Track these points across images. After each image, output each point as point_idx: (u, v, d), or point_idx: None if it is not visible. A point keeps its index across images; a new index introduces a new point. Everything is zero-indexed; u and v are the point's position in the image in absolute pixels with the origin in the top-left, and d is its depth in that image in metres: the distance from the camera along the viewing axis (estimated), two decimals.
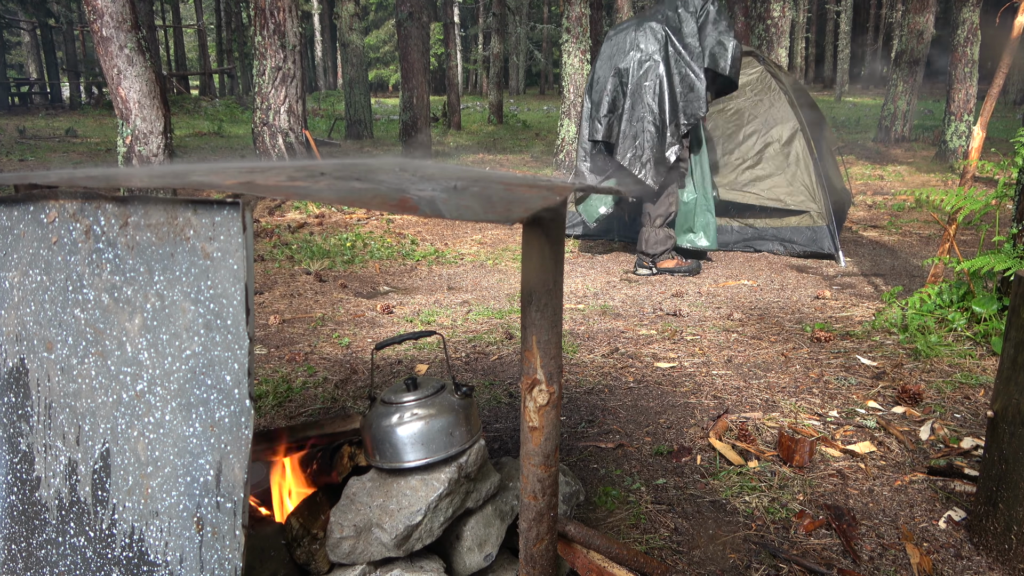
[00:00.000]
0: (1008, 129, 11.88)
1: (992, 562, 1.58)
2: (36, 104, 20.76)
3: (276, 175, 0.97)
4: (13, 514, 1.22)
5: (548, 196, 0.93)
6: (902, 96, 10.99)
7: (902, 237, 5.43)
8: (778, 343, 3.06)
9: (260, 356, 2.96)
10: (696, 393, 2.55)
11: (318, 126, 14.63)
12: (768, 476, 1.97)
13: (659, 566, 1.40)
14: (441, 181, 0.97)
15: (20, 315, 1.18)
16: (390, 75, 35.06)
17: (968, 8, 8.88)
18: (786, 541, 1.68)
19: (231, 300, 0.94)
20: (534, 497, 1.16)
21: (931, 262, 3.51)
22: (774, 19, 8.81)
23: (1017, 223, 2.91)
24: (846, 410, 2.38)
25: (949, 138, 9.34)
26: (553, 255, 1.04)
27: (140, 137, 4.98)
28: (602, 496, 1.87)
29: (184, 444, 1.00)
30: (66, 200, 1.10)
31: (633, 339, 3.15)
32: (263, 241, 5.30)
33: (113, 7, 4.75)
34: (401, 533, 1.26)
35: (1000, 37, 3.62)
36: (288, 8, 7.75)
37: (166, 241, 0.99)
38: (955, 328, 3.02)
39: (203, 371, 0.97)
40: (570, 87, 8.66)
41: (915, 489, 1.90)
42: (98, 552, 1.10)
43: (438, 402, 1.36)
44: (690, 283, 4.17)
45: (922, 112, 15.90)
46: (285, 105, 7.92)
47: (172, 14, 32.81)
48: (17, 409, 1.21)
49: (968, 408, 2.37)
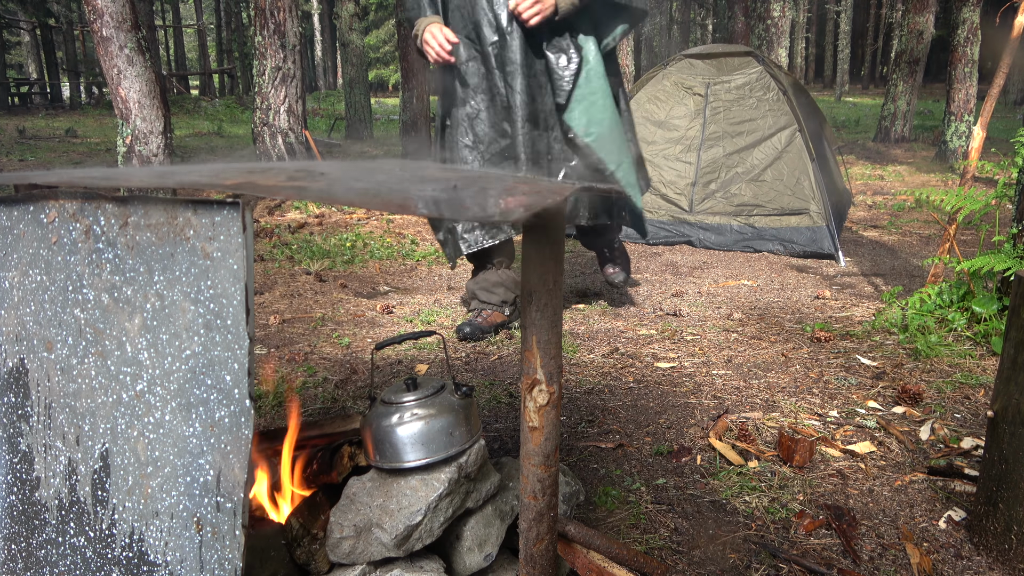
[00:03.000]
0: (1008, 129, 11.88)
1: (992, 562, 1.58)
2: (36, 104, 20.76)
3: (276, 175, 0.97)
4: (13, 514, 1.22)
5: (548, 196, 0.93)
6: (902, 96, 10.99)
7: (902, 237, 5.43)
8: (778, 343, 3.06)
9: (260, 356, 2.96)
10: (696, 393, 2.55)
11: (318, 126, 14.63)
12: (768, 476, 1.97)
13: (659, 566, 1.40)
14: (441, 181, 0.97)
15: (20, 315, 1.18)
16: (390, 75, 35.08)
17: (968, 8, 8.88)
18: (786, 541, 1.68)
19: (231, 300, 0.94)
20: (534, 497, 1.16)
21: (931, 262, 3.51)
22: (774, 19, 8.81)
23: (1017, 223, 2.91)
24: (846, 410, 2.38)
25: (949, 138, 9.34)
26: (553, 255, 1.04)
27: (140, 137, 4.97)
28: (602, 496, 1.87)
29: (184, 444, 1.00)
30: (66, 200, 1.10)
31: (633, 339, 3.15)
32: (263, 241, 5.30)
33: (113, 7, 4.74)
34: (401, 533, 1.26)
35: (1000, 37, 3.62)
36: (288, 8, 7.75)
37: (166, 241, 0.99)
38: (955, 328, 3.02)
39: (203, 371, 0.97)
40: None
41: (915, 489, 1.90)
42: (98, 552, 1.10)
43: (438, 402, 1.36)
44: (690, 283, 4.17)
45: (922, 112, 15.90)
46: (285, 105, 7.92)
47: (172, 14, 32.81)
48: (17, 409, 1.21)
49: (968, 408, 2.37)
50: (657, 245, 5.21)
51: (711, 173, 5.14)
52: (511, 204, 0.84)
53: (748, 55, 5.37)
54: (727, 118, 5.19)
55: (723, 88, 5.26)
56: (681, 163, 5.23)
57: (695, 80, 5.36)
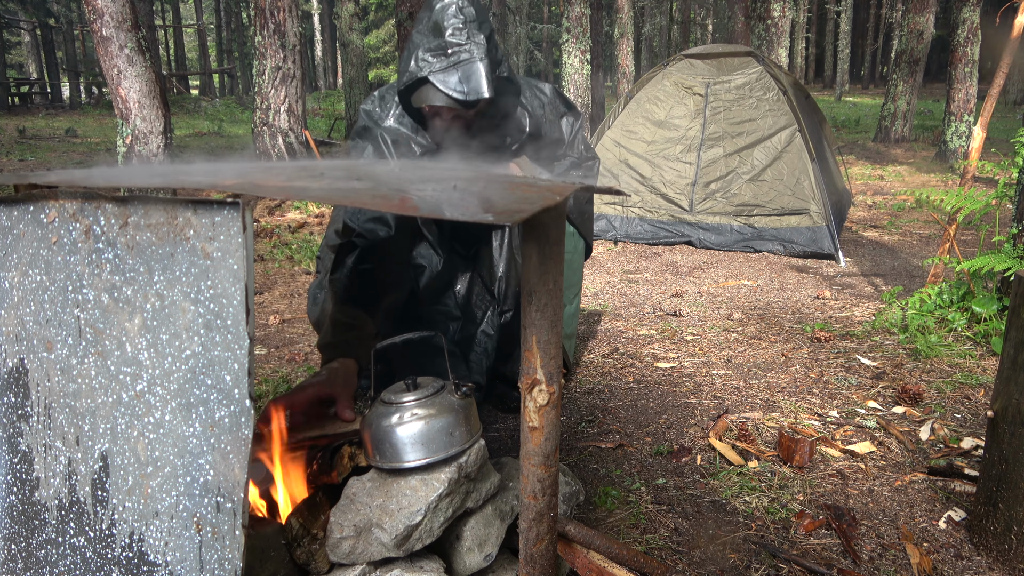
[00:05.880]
0: (1008, 129, 11.88)
1: (992, 562, 1.58)
2: (36, 104, 20.75)
3: (276, 175, 0.97)
4: (13, 514, 1.22)
5: (548, 196, 0.93)
6: (902, 96, 10.99)
7: (902, 237, 5.43)
8: (778, 343, 3.06)
9: (260, 356, 2.96)
10: (696, 393, 2.55)
11: (318, 126, 14.62)
12: (768, 476, 1.97)
13: (659, 566, 1.40)
14: (441, 181, 0.97)
15: (20, 315, 1.18)
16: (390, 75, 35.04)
17: (968, 8, 8.88)
18: (786, 541, 1.68)
19: (231, 300, 0.94)
20: (534, 497, 1.16)
21: (931, 262, 3.51)
22: (774, 19, 8.81)
23: (1017, 223, 2.91)
24: (846, 410, 2.38)
25: (949, 138, 9.34)
26: (553, 255, 1.04)
27: (140, 137, 4.97)
28: (602, 496, 1.87)
29: (184, 444, 1.00)
30: (66, 200, 1.10)
31: (633, 339, 3.15)
32: (263, 241, 5.30)
33: (113, 7, 4.74)
34: (401, 533, 1.26)
35: (1000, 37, 3.62)
36: (288, 8, 7.75)
37: (166, 241, 0.99)
38: (955, 328, 3.02)
39: (203, 371, 0.97)
40: (570, 87, 8.66)
41: (915, 489, 1.90)
42: (98, 552, 1.10)
43: (438, 402, 1.36)
44: (690, 283, 4.17)
45: (922, 112, 15.90)
46: (285, 105, 7.92)
47: (172, 14, 32.82)
48: (17, 409, 1.21)
49: (968, 408, 2.37)
50: (657, 245, 5.21)
51: (711, 173, 5.14)
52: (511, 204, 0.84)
53: (748, 55, 5.37)
54: (727, 118, 5.19)
55: (723, 88, 5.26)
56: (681, 163, 5.23)
57: (695, 80, 5.36)
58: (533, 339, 1.07)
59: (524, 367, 1.10)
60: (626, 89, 10.36)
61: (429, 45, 1.84)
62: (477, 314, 2.24)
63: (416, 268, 2.19)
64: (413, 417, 1.33)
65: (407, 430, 1.32)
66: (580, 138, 2.29)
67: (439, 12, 1.84)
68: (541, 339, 1.07)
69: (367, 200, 0.88)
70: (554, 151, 2.24)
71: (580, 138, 2.29)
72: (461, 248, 2.26)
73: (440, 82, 1.82)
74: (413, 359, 2.09)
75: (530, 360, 1.09)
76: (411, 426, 1.32)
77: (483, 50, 1.83)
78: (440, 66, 1.83)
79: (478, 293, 2.25)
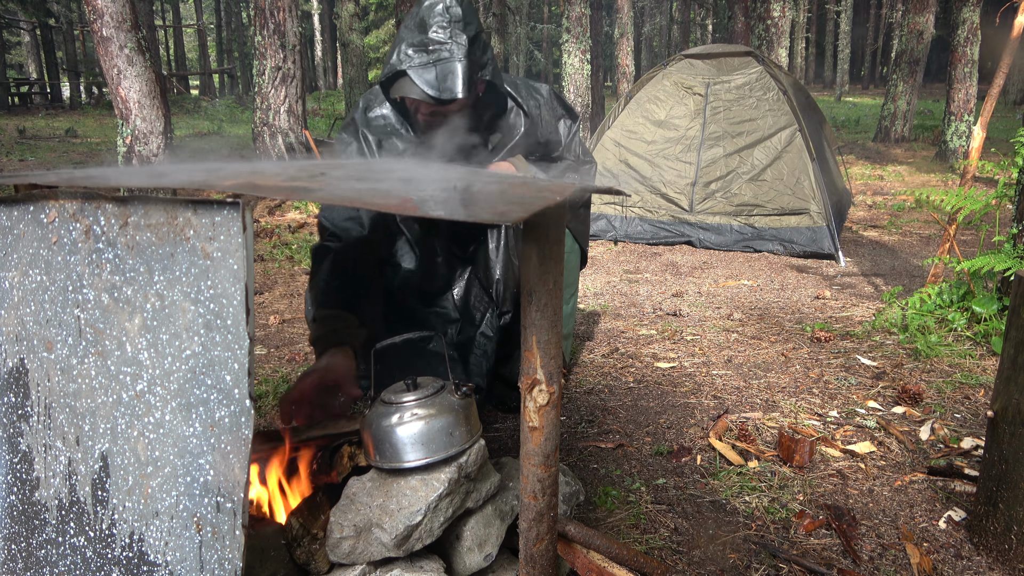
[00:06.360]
0: (1008, 129, 11.88)
1: (992, 562, 1.58)
2: (36, 104, 20.75)
3: (276, 175, 0.97)
4: (13, 514, 1.22)
5: (548, 196, 0.93)
6: (902, 96, 10.99)
7: (902, 237, 5.43)
8: (778, 343, 3.06)
9: (260, 356, 2.96)
10: (696, 393, 2.55)
11: (318, 126, 14.62)
12: (768, 476, 1.97)
13: (659, 566, 1.40)
14: (441, 181, 0.97)
15: (20, 315, 1.18)
16: None
17: (968, 8, 8.88)
18: (786, 541, 1.68)
19: (231, 300, 0.94)
20: (534, 497, 1.16)
21: (931, 262, 3.51)
22: (774, 19, 8.81)
23: (1017, 223, 2.91)
24: (846, 410, 2.38)
25: (949, 138, 9.34)
26: (553, 255, 1.04)
27: (140, 137, 4.98)
28: (602, 496, 1.87)
29: (184, 444, 1.00)
30: (66, 200, 1.10)
31: (633, 339, 3.15)
32: (263, 241, 5.30)
33: (113, 7, 4.75)
34: (401, 533, 1.26)
35: (1000, 37, 3.62)
36: (288, 8, 7.75)
37: (166, 241, 0.99)
38: (955, 328, 3.02)
39: (203, 371, 0.97)
40: (570, 87, 8.66)
41: (915, 489, 1.90)
42: (98, 552, 1.10)
43: (438, 402, 1.36)
44: (690, 283, 4.17)
45: (922, 112, 15.89)
46: (285, 105, 7.92)
47: (172, 14, 32.82)
48: (17, 409, 1.21)
49: (968, 408, 2.37)
50: (657, 245, 5.21)
51: (711, 173, 5.14)
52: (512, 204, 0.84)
53: (748, 55, 5.37)
54: (727, 118, 5.19)
55: (723, 88, 5.26)
56: (681, 163, 5.23)
57: (695, 80, 5.36)
58: (533, 339, 1.07)
59: (524, 367, 1.11)
60: (626, 89, 10.35)
61: (412, 40, 1.88)
62: (476, 316, 2.24)
63: (394, 267, 2.21)
64: (413, 417, 1.33)
65: (407, 430, 1.32)
66: (577, 141, 2.30)
67: (426, 9, 1.88)
68: (541, 339, 1.07)
69: (368, 200, 0.88)
70: (550, 152, 2.25)
71: (577, 141, 2.30)
72: (458, 250, 2.27)
73: (417, 77, 1.86)
74: (411, 362, 2.10)
75: (530, 360, 1.09)
76: (411, 426, 1.32)
77: (464, 51, 1.85)
78: (419, 61, 1.87)
79: (476, 295, 2.25)
